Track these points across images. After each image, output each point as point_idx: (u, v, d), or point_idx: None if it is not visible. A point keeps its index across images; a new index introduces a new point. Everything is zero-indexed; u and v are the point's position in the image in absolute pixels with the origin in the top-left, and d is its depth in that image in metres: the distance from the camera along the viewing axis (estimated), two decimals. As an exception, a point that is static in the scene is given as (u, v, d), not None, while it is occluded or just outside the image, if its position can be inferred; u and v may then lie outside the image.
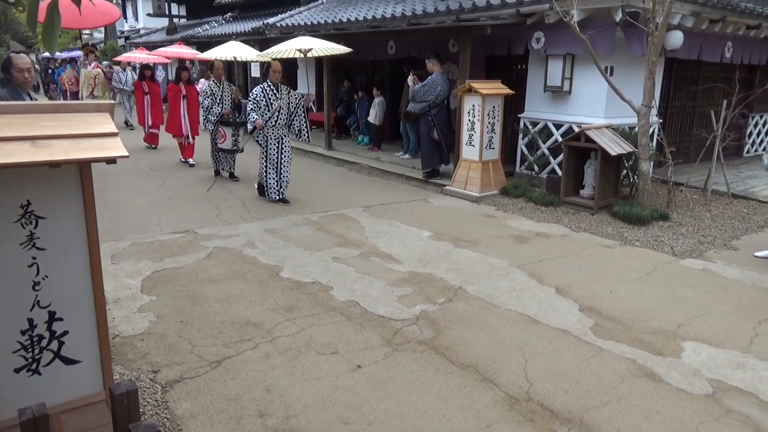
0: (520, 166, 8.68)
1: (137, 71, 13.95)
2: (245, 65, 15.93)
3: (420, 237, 5.92)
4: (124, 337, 3.68)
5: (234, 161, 8.70)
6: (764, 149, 11.50)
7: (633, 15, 6.68)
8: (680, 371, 3.38)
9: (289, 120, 7.16)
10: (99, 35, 32.50)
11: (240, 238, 5.77)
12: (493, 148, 7.78)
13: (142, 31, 27.43)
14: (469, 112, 7.66)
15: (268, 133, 7.03)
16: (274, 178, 7.15)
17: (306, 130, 7.23)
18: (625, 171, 7.32)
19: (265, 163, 7.14)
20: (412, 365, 3.40)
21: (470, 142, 7.72)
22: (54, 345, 2.05)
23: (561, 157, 7.39)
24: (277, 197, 7.17)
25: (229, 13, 18.91)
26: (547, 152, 8.19)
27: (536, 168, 8.18)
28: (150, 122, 11.64)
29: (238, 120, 8.38)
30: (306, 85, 14.24)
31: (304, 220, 6.48)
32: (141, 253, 5.27)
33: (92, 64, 14.23)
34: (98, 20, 12.27)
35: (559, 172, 7.57)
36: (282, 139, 7.15)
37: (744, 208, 7.27)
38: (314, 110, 13.39)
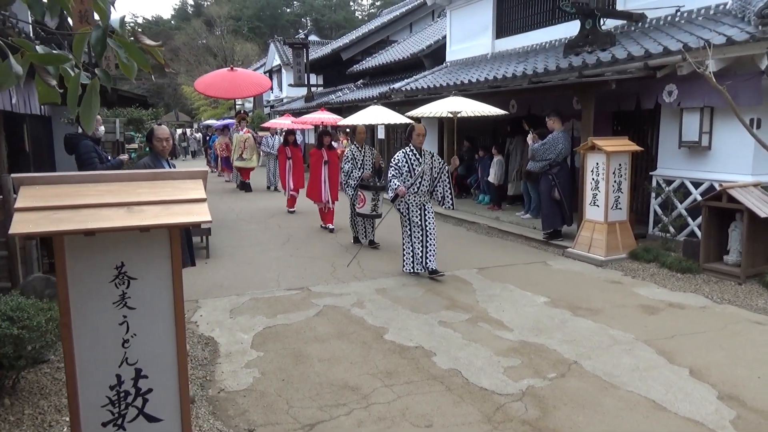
0: (653, 227, 7.95)
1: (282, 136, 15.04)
2: (373, 128, 16.59)
3: (534, 303, 5.57)
4: (228, 393, 3.79)
5: (373, 227, 8.27)
6: None
7: (782, 62, 5.99)
8: None
9: (432, 186, 6.64)
10: (249, 105, 36.13)
11: (350, 296, 5.83)
12: (620, 209, 7.23)
13: (284, 100, 30.02)
14: (592, 171, 7.24)
15: (409, 200, 6.47)
16: (418, 249, 6.47)
17: (450, 196, 6.67)
18: (781, 235, 6.40)
19: (408, 233, 6.53)
20: (511, 448, 3.10)
21: (594, 202, 7.25)
22: (139, 402, 2.13)
23: (701, 218, 6.66)
24: (416, 270, 6.52)
25: (360, 80, 20.05)
26: (684, 213, 7.44)
27: (672, 230, 7.44)
28: (291, 186, 11.88)
29: (378, 184, 8.13)
30: (427, 145, 14.57)
31: (414, 281, 6.41)
32: (257, 308, 5.50)
33: (243, 129, 15.40)
34: (253, 90, 13.53)
35: (699, 235, 6.81)
36: (424, 206, 6.54)
37: None
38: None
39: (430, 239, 6.48)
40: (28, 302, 3.44)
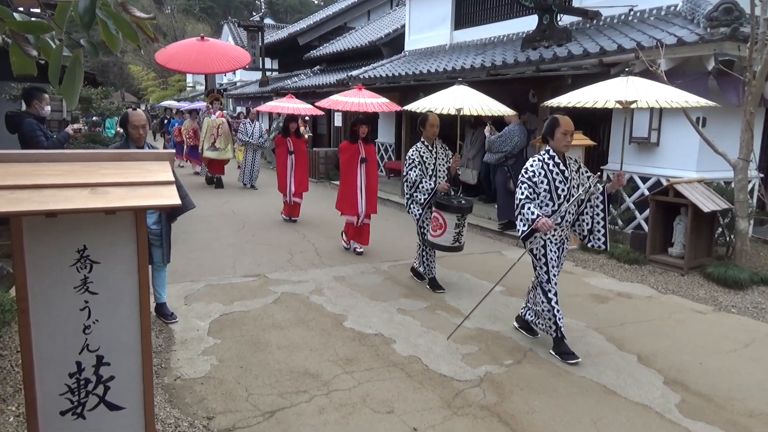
0: (603, 220, 8.24)
1: (266, 122, 13.26)
2: (330, 114, 15.85)
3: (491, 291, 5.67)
4: (185, 380, 3.71)
5: (429, 258, 5.88)
6: None
7: (727, 63, 6.28)
8: (784, 464, 2.93)
9: (577, 213, 4.37)
10: (200, 87, 35.05)
11: (308, 284, 5.79)
12: (573, 201, 7.44)
13: (238, 84, 29.32)
14: (547, 164, 7.41)
15: (546, 236, 4.20)
16: (557, 302, 4.21)
17: (605, 230, 4.28)
18: (720, 229, 6.75)
19: (546, 285, 4.21)
20: (471, 432, 3.17)
21: (548, 194, 7.44)
22: (100, 390, 2.06)
23: (648, 212, 6.94)
24: (561, 332, 4.20)
25: (317, 66, 19.81)
26: (632, 206, 7.74)
27: (620, 223, 7.73)
28: (293, 189, 9.05)
29: (463, 202, 5.42)
30: (385, 134, 14.57)
31: (373, 269, 6.43)
32: (213, 295, 5.39)
33: (217, 113, 12.92)
34: (227, 65, 11.28)
35: (646, 228, 7.10)
36: (563, 243, 4.36)
37: None
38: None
39: None
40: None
